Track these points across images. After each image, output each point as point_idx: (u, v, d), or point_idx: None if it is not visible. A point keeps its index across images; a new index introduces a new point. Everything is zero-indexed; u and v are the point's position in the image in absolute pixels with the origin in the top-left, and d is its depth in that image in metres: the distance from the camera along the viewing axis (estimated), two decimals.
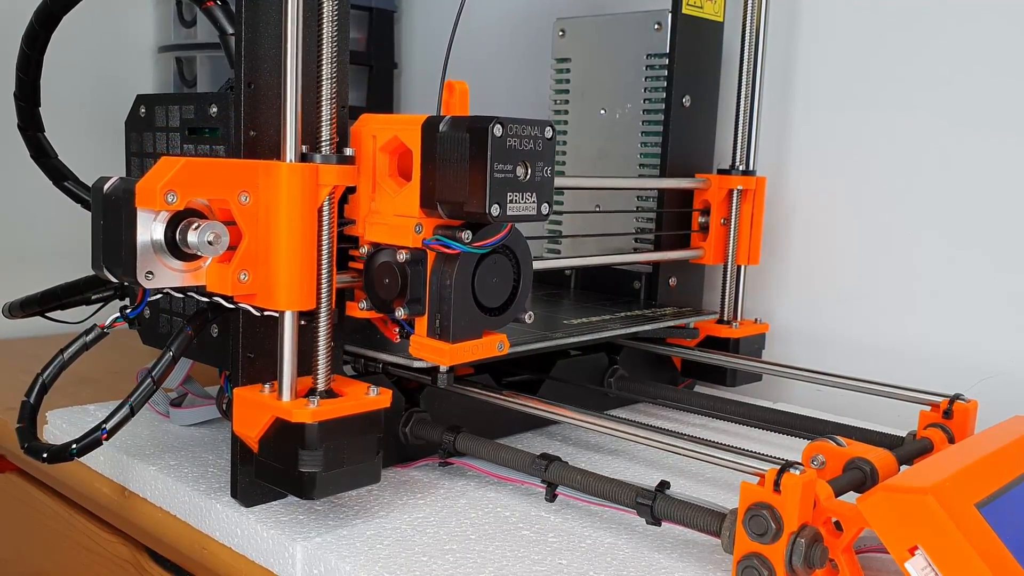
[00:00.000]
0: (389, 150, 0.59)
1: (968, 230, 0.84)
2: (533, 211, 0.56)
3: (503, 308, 0.59)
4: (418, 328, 0.58)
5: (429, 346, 0.57)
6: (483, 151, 0.53)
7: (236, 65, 0.56)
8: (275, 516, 0.58)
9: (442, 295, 0.56)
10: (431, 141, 0.56)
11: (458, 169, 0.54)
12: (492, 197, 0.54)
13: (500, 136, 0.54)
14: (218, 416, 0.74)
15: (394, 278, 0.57)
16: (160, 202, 0.49)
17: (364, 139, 0.59)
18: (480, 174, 0.53)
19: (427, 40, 1.29)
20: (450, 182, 0.55)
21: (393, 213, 0.57)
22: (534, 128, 0.56)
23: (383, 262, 0.58)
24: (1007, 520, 0.46)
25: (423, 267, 0.56)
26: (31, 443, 0.58)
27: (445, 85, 0.61)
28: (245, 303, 0.54)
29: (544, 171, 0.57)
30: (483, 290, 0.57)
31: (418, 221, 0.56)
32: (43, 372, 0.59)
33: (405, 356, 0.64)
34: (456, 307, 0.56)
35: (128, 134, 0.67)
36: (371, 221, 0.58)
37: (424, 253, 0.56)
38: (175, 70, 1.18)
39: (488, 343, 0.59)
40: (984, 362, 0.83)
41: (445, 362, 0.57)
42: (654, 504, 0.55)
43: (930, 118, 0.86)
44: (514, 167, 0.55)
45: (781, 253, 0.95)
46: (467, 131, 0.54)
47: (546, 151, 0.57)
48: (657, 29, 0.89)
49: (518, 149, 0.55)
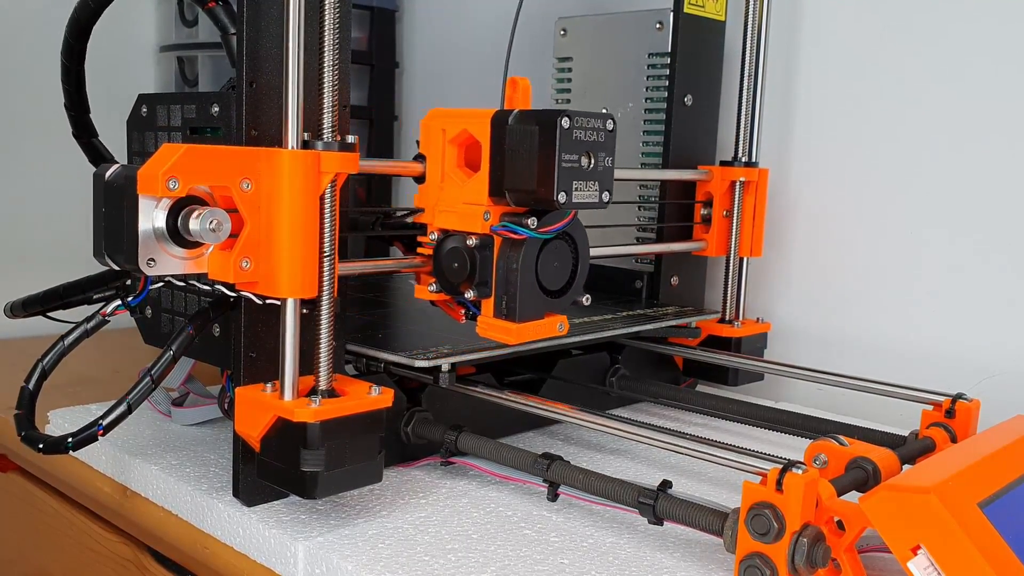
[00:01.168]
0: (458, 143, 0.63)
1: (972, 228, 0.84)
2: (595, 199, 0.60)
3: (563, 291, 0.63)
4: (484, 309, 0.61)
5: (496, 326, 0.60)
6: (552, 142, 0.57)
7: (238, 64, 0.56)
8: (277, 515, 0.58)
9: (508, 278, 0.59)
10: (500, 133, 0.60)
11: (527, 159, 0.58)
12: (560, 185, 0.58)
13: (567, 128, 0.58)
14: (220, 415, 0.74)
15: (463, 262, 0.60)
16: (162, 189, 0.49)
17: (433, 132, 0.63)
18: (549, 163, 0.57)
19: (428, 39, 1.29)
20: (519, 171, 0.58)
21: (462, 201, 0.61)
22: (597, 121, 0.60)
23: (452, 247, 0.61)
24: (1010, 519, 0.46)
25: (490, 252, 0.60)
26: (28, 432, 0.58)
27: (508, 81, 0.65)
28: (247, 291, 0.54)
29: (605, 161, 0.61)
30: (545, 273, 0.61)
31: (486, 208, 0.60)
32: (43, 358, 0.59)
33: (407, 355, 0.65)
34: (522, 289, 0.60)
35: (130, 133, 0.67)
36: (440, 209, 0.62)
37: (491, 239, 0.60)
38: (177, 69, 1.18)
39: (550, 323, 0.62)
40: (987, 361, 0.83)
41: (512, 341, 0.60)
42: (656, 503, 0.55)
43: (933, 114, 0.85)
44: (579, 157, 0.59)
45: (783, 252, 0.95)
46: (536, 123, 0.58)
47: (608, 142, 0.61)
48: (659, 28, 0.89)
49: (583, 140, 0.59)
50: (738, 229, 0.88)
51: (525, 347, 0.71)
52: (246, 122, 0.56)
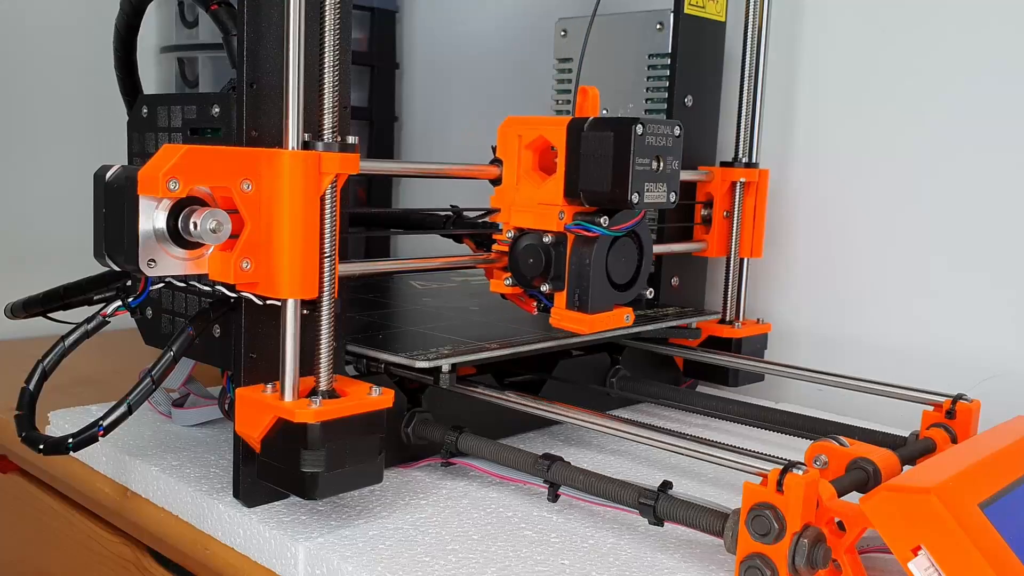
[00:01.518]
0: (534, 147, 0.68)
1: (972, 228, 0.84)
2: (664, 199, 0.66)
3: (629, 284, 0.68)
4: (557, 302, 0.66)
5: (569, 316, 0.65)
6: (627, 147, 0.62)
7: (238, 65, 0.56)
8: (277, 516, 0.58)
9: (581, 272, 0.64)
10: (575, 139, 0.64)
11: (602, 163, 0.63)
12: (633, 186, 0.63)
13: (641, 134, 0.63)
14: (220, 416, 0.74)
15: (538, 258, 0.66)
16: (162, 189, 0.49)
17: (510, 138, 0.68)
18: (623, 167, 0.62)
19: (428, 40, 1.29)
20: (594, 174, 0.64)
21: (537, 202, 0.66)
22: (666, 127, 0.65)
23: (528, 244, 0.66)
24: (1010, 520, 0.46)
25: (564, 248, 0.65)
26: (29, 433, 0.58)
27: (579, 90, 0.71)
28: (247, 292, 0.54)
29: (672, 164, 0.66)
30: (614, 268, 0.66)
31: (561, 208, 0.65)
32: (44, 359, 0.59)
33: (407, 356, 0.65)
34: (593, 283, 0.64)
35: (130, 134, 0.67)
36: (516, 209, 0.67)
37: (565, 236, 0.65)
38: (177, 70, 1.18)
39: (617, 315, 0.67)
40: (987, 362, 0.83)
41: (584, 331, 0.65)
42: (656, 504, 0.55)
43: (934, 115, 0.85)
44: (650, 161, 0.64)
45: (783, 253, 0.95)
46: (611, 130, 0.63)
47: (675, 147, 0.66)
48: (659, 29, 0.89)
49: (654, 145, 0.64)
50: (738, 230, 0.88)
51: (526, 348, 0.71)
52: (246, 123, 0.56)
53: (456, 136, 1.27)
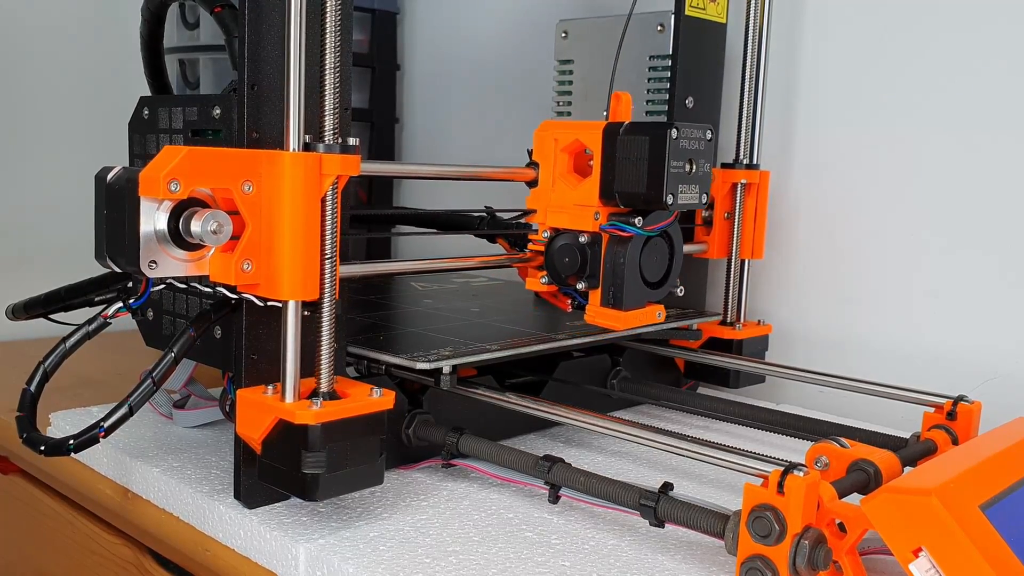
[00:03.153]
0: (569, 151, 0.71)
1: (973, 230, 0.84)
2: (696, 200, 0.68)
3: (661, 282, 0.71)
4: (592, 299, 0.69)
5: (603, 313, 0.68)
6: (662, 150, 0.65)
7: (239, 67, 0.56)
8: (278, 518, 0.58)
9: (615, 271, 0.67)
10: (611, 143, 0.67)
11: (637, 166, 0.66)
12: (668, 188, 0.65)
13: (676, 138, 0.65)
14: (221, 418, 0.74)
15: (574, 257, 0.69)
16: (163, 191, 0.49)
17: (546, 142, 0.71)
18: (659, 169, 0.65)
19: (429, 42, 1.29)
20: (629, 176, 0.66)
21: (573, 203, 0.69)
22: (699, 131, 0.67)
23: (563, 244, 0.69)
24: (1011, 522, 0.46)
25: (599, 248, 0.68)
26: (30, 434, 0.58)
27: (613, 96, 0.73)
28: (248, 293, 0.54)
29: (704, 167, 0.68)
30: (647, 267, 0.69)
31: (596, 209, 0.68)
32: (45, 360, 0.59)
33: (408, 358, 0.65)
34: (628, 281, 0.67)
35: (131, 136, 0.67)
36: (552, 209, 0.70)
37: (600, 236, 0.68)
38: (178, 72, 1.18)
39: (650, 312, 0.70)
40: (988, 364, 0.83)
41: (619, 327, 0.68)
42: (657, 506, 0.55)
43: (934, 117, 0.85)
44: (683, 164, 0.66)
45: (784, 254, 0.95)
46: (647, 134, 0.66)
47: (707, 150, 0.68)
48: (660, 31, 0.89)
49: (688, 149, 0.67)
50: (739, 231, 0.88)
51: (526, 349, 0.71)
52: (247, 124, 0.56)
53: (457, 138, 1.27)
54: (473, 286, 1.00)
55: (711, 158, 0.69)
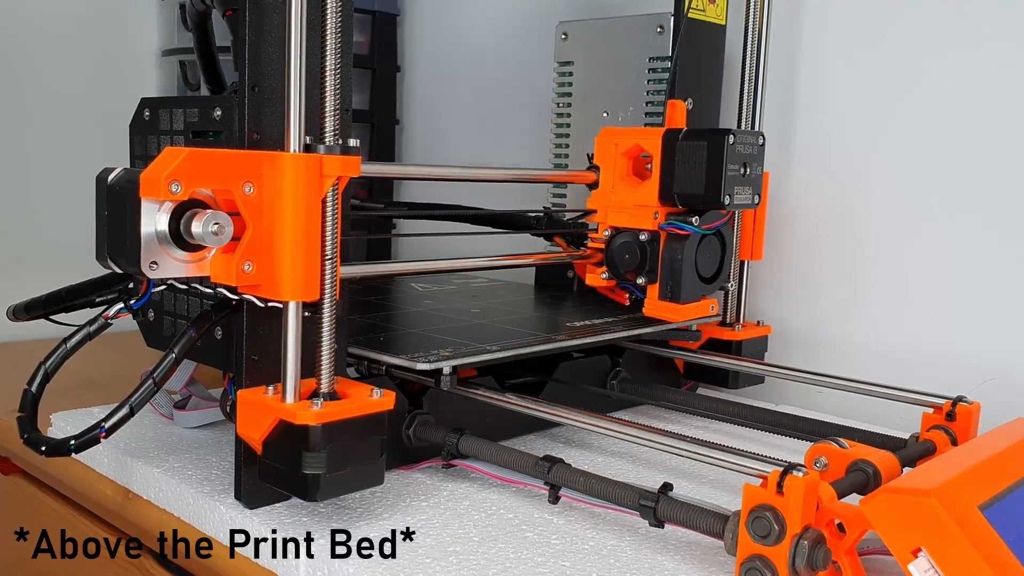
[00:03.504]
0: (629, 155, 0.77)
1: (973, 231, 0.84)
2: (750, 201, 0.75)
3: (714, 277, 0.77)
4: (650, 293, 0.75)
5: (662, 306, 0.75)
6: (720, 155, 0.71)
7: (240, 68, 0.56)
8: (279, 518, 0.58)
9: (673, 266, 0.73)
10: (670, 148, 0.74)
11: (696, 169, 0.72)
12: (726, 189, 0.71)
13: (732, 144, 0.71)
14: (222, 418, 0.74)
15: (634, 254, 0.75)
16: (164, 192, 0.49)
17: (607, 147, 0.78)
18: (717, 172, 0.71)
19: (430, 43, 1.29)
20: (687, 179, 0.73)
21: (632, 203, 0.75)
22: (752, 137, 0.74)
23: (624, 242, 0.75)
24: (1010, 522, 0.46)
25: (658, 245, 0.74)
26: (31, 434, 0.58)
27: (669, 104, 0.80)
28: (249, 294, 0.54)
29: (757, 170, 0.74)
30: (702, 262, 0.75)
31: (656, 209, 0.74)
32: (46, 360, 0.59)
33: (408, 358, 0.65)
34: (685, 276, 0.73)
35: (132, 137, 0.67)
36: (613, 209, 0.77)
37: (658, 234, 0.74)
38: (179, 73, 1.18)
39: (704, 305, 0.77)
40: (987, 364, 0.83)
41: (677, 319, 0.75)
42: (657, 506, 0.55)
43: (934, 118, 0.86)
44: (739, 167, 0.72)
45: (783, 255, 0.95)
46: (705, 140, 0.72)
47: (759, 154, 0.75)
48: (659, 32, 0.89)
49: (742, 153, 0.73)
50: (739, 232, 0.88)
51: (526, 350, 0.71)
52: (248, 125, 0.56)
53: (457, 139, 1.27)
54: (473, 287, 1.00)
55: (762, 161, 0.74)
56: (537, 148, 1.08)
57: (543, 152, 1.00)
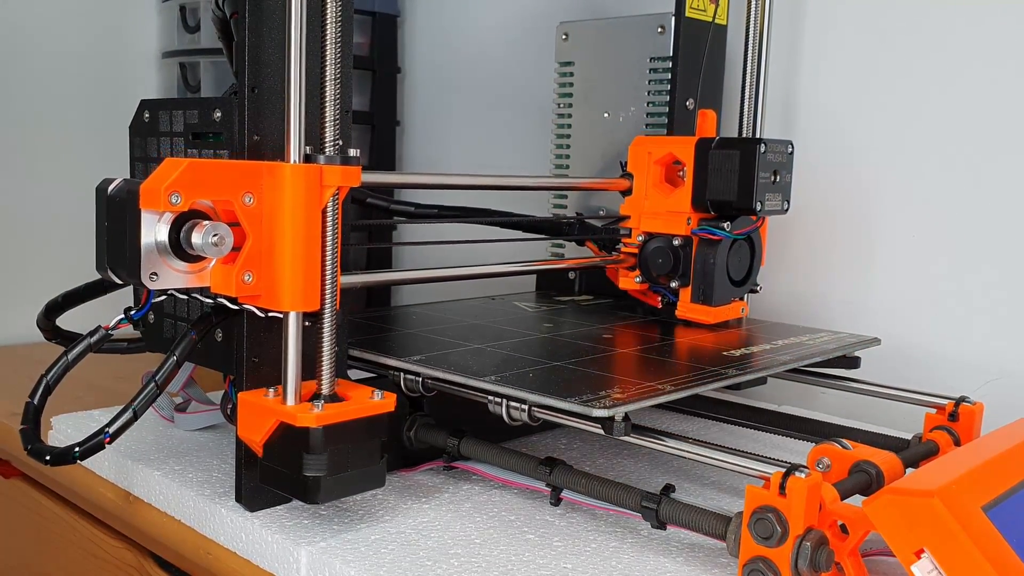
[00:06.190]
0: (662, 163, 0.80)
1: (975, 231, 0.84)
2: (779, 207, 0.78)
3: (744, 280, 0.80)
4: (683, 297, 0.78)
5: (694, 309, 0.78)
6: (752, 163, 0.74)
7: (239, 70, 0.56)
8: (280, 521, 0.58)
9: (705, 270, 0.76)
10: (703, 156, 0.77)
11: (728, 176, 0.75)
12: (757, 196, 0.74)
13: (764, 152, 0.74)
14: (222, 421, 0.74)
15: (667, 258, 0.77)
16: (164, 203, 0.49)
17: (640, 155, 0.81)
18: (749, 180, 0.74)
19: (430, 45, 1.29)
20: (720, 186, 0.76)
21: (666, 209, 0.79)
22: (782, 146, 0.77)
23: (657, 246, 0.78)
24: (1014, 523, 0.46)
25: (690, 250, 0.77)
26: (34, 445, 0.58)
27: (700, 114, 0.82)
28: (249, 304, 0.54)
29: (786, 177, 0.78)
30: (733, 266, 0.78)
31: (688, 215, 0.77)
32: (47, 373, 0.59)
33: (581, 403, 0.58)
34: (717, 279, 0.76)
35: (132, 139, 0.67)
36: (647, 215, 0.80)
37: (691, 239, 0.77)
38: (179, 75, 1.18)
39: (735, 307, 0.80)
40: (990, 364, 0.83)
41: (709, 321, 0.77)
42: (659, 508, 0.54)
43: (934, 119, 0.85)
44: (769, 174, 0.75)
45: (784, 256, 0.95)
46: (737, 148, 0.75)
47: (788, 162, 0.78)
48: (660, 32, 0.89)
49: (772, 161, 0.76)
50: None
51: (700, 389, 0.57)
52: (248, 128, 0.56)
53: (457, 140, 1.27)
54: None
55: (791, 169, 0.77)
56: (538, 148, 1.08)
57: (544, 152, 0.99)
